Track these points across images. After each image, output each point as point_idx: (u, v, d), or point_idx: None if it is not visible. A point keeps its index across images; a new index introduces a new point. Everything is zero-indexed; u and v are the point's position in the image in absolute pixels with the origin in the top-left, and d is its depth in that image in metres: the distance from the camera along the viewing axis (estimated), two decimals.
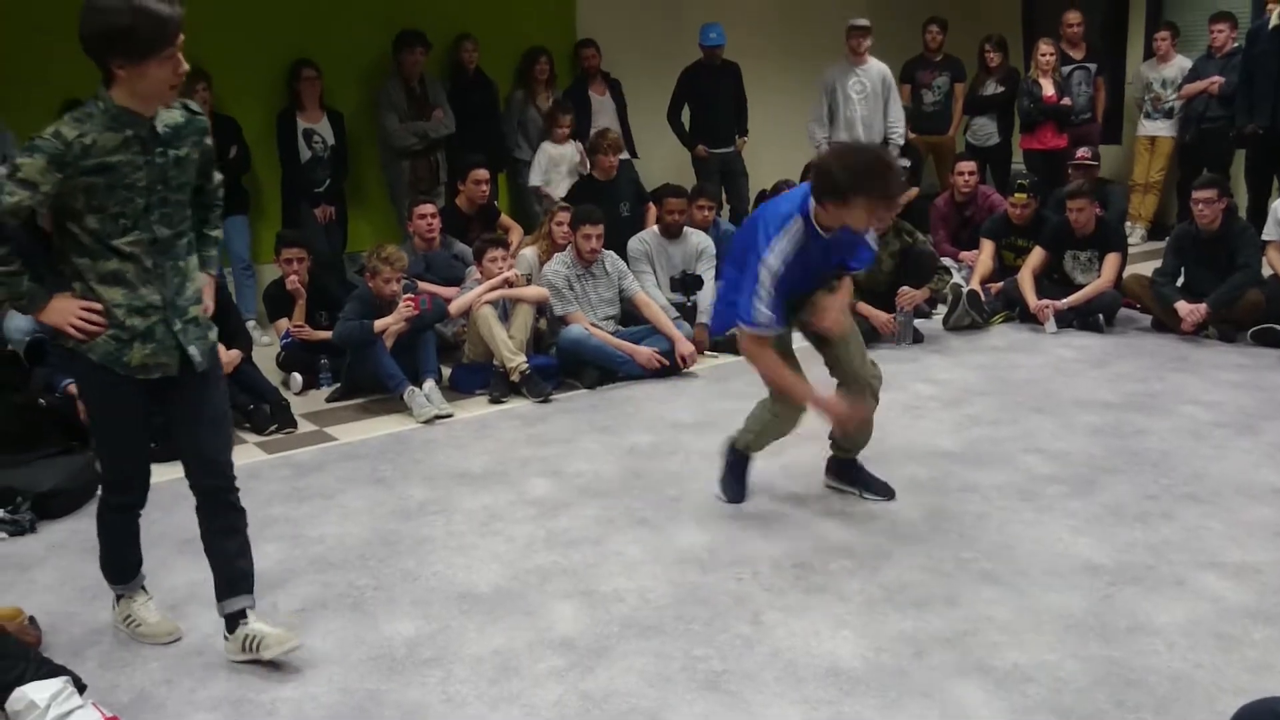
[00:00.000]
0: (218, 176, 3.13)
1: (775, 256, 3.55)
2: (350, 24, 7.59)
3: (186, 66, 2.70)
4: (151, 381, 2.89)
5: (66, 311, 2.77)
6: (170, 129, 2.81)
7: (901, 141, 8.43)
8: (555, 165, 7.68)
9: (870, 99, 8.23)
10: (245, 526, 3.10)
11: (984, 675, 2.93)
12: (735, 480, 4.23)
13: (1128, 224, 8.92)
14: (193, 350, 2.91)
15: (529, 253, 6.56)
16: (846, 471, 4.21)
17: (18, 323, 5.62)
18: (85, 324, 2.77)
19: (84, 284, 2.79)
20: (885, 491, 4.14)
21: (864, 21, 8.19)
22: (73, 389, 4.82)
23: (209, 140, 2.97)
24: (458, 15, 7.90)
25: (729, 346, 6.41)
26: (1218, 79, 8.39)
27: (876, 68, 8.24)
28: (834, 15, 9.02)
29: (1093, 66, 8.89)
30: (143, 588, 3.32)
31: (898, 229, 6.61)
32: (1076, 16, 8.89)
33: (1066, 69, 8.80)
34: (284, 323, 6.19)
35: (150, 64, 2.62)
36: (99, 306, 2.78)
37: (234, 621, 3.08)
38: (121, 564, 3.25)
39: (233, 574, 3.07)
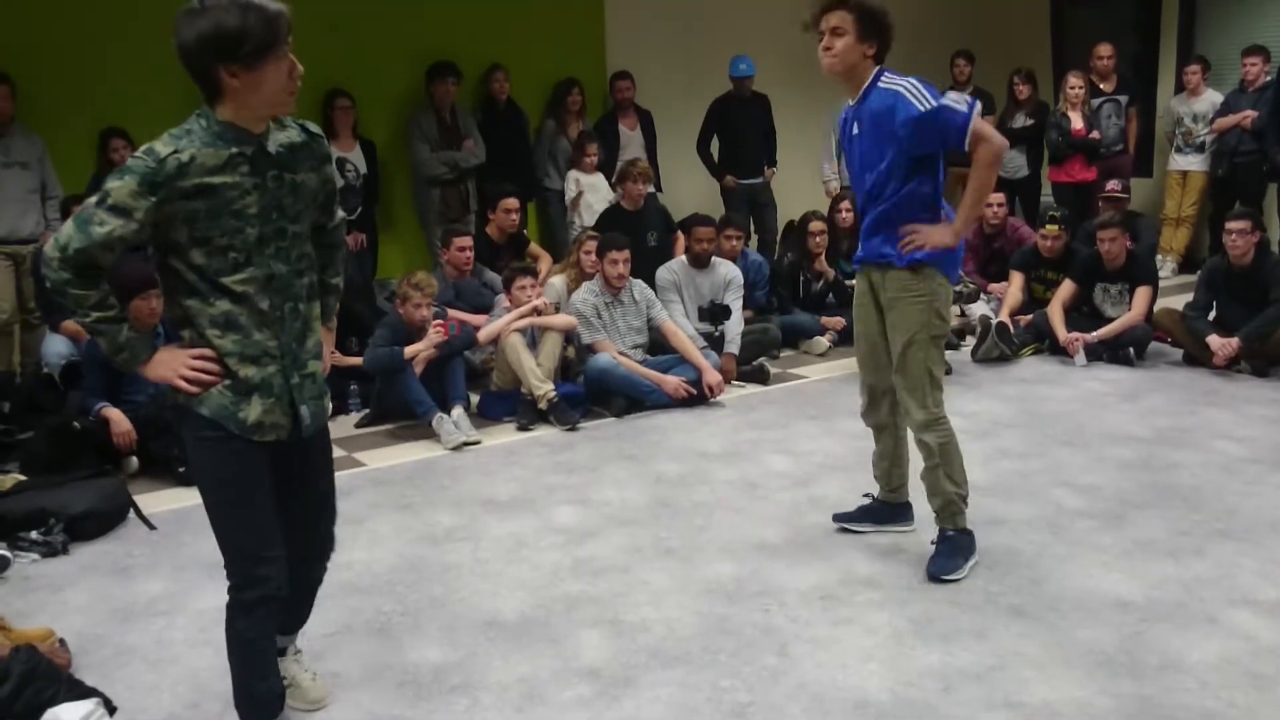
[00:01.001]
0: (340, 213, 2.77)
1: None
2: (384, 55, 7.69)
3: (301, 69, 2.39)
4: (265, 446, 2.50)
5: (174, 363, 2.41)
6: (285, 149, 2.46)
7: None
8: (584, 192, 7.76)
9: None
10: (318, 586, 2.90)
11: (1013, 711, 2.90)
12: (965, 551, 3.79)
13: (1159, 257, 8.87)
14: (304, 411, 2.53)
15: (557, 281, 6.59)
16: (889, 512, 4.09)
17: (55, 346, 5.70)
18: (198, 374, 2.41)
19: (193, 330, 2.44)
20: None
21: None
22: (107, 412, 4.90)
23: (331, 168, 2.61)
24: (489, 47, 7.99)
25: (756, 376, 6.43)
26: (1250, 113, 8.35)
27: None
28: None
29: (1124, 99, 8.88)
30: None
31: None
32: (1108, 49, 8.88)
33: (1097, 101, 8.79)
34: None
35: (266, 68, 2.31)
36: (211, 354, 2.42)
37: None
38: (265, 695, 2.67)
39: (284, 614, 2.78)
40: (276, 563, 2.54)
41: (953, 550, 3.72)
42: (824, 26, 3.57)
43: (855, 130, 3.70)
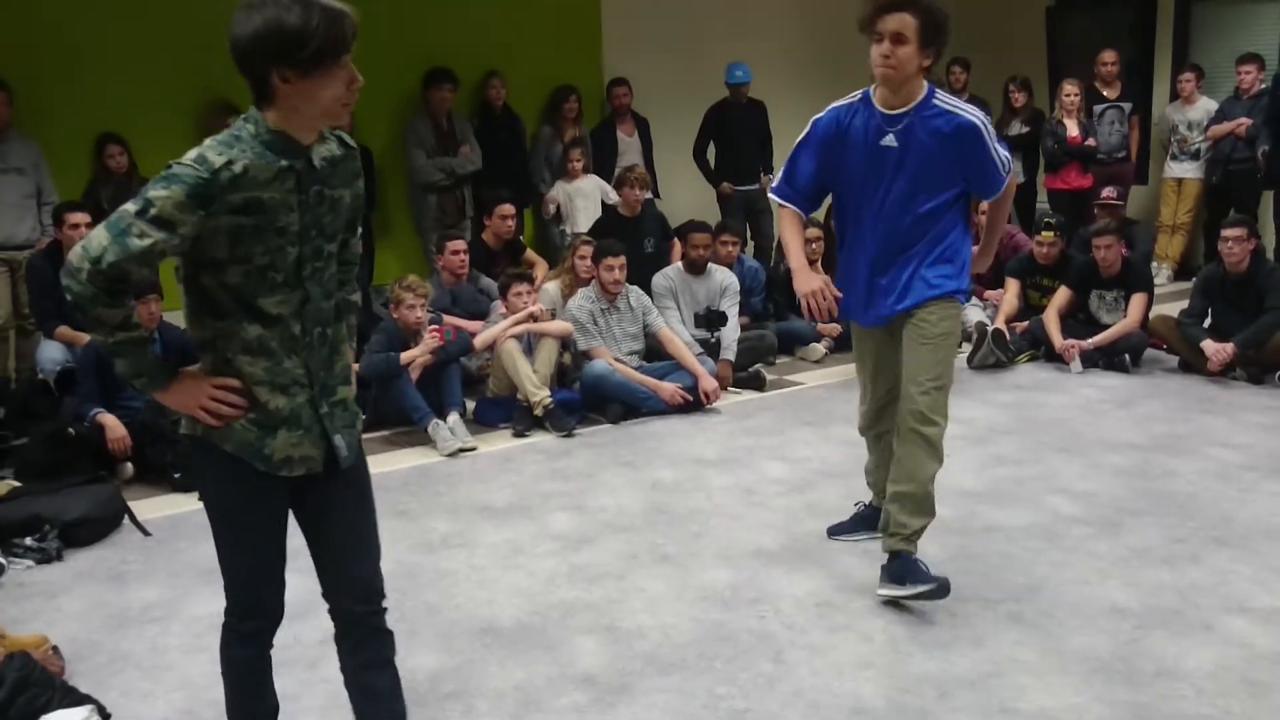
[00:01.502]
0: (358, 229, 2.55)
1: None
2: (380, 61, 7.67)
3: (361, 79, 2.17)
4: (292, 479, 2.31)
5: (195, 392, 2.20)
6: (327, 163, 2.25)
7: None
8: (570, 199, 7.79)
9: None
10: (394, 652, 2.51)
11: (1009, 718, 2.90)
12: (916, 575, 3.53)
13: (1154, 264, 8.89)
14: (338, 440, 2.32)
15: (551, 287, 6.60)
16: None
17: (50, 352, 5.69)
18: (220, 407, 2.20)
19: (217, 355, 2.22)
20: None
21: None
22: (102, 418, 4.89)
23: (362, 183, 2.39)
24: (486, 53, 7.99)
25: (752, 383, 6.43)
26: (1245, 120, 8.39)
27: None
28: (860, 55, 9.06)
29: (1126, 106, 8.91)
30: None
31: None
32: (1112, 55, 8.90)
33: (1100, 108, 8.82)
34: None
35: (323, 75, 2.09)
36: (236, 384, 2.21)
37: None
38: (260, 713, 2.58)
39: (351, 656, 2.47)
40: (277, 594, 2.44)
41: (905, 570, 3.52)
42: (883, 29, 3.25)
43: (892, 142, 3.39)
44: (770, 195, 3.72)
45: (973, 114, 3.39)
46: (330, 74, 2.10)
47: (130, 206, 2.06)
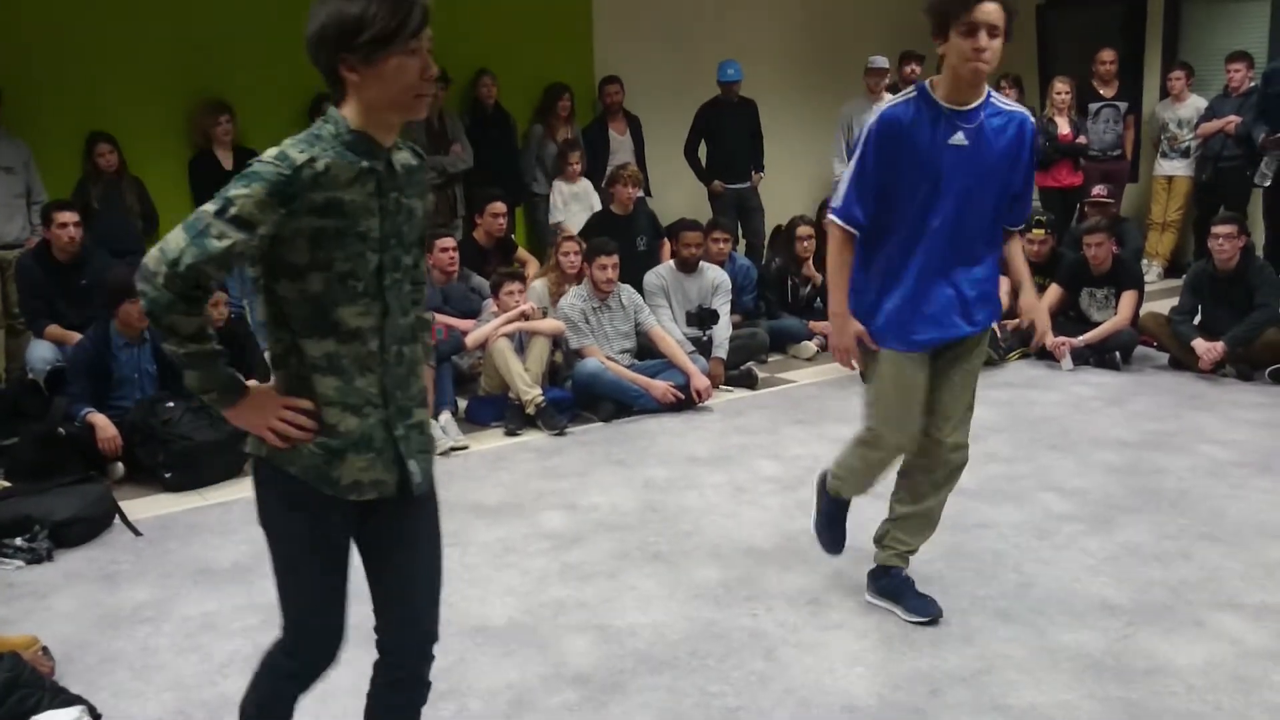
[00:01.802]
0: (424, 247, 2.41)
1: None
2: None
3: (436, 68, 2.09)
4: (361, 503, 2.17)
5: (265, 411, 2.06)
6: (404, 169, 2.15)
7: None
8: (568, 203, 7.78)
9: None
10: (425, 702, 2.42)
11: (1000, 715, 2.91)
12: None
13: (1144, 262, 8.91)
14: (413, 466, 2.20)
15: (539, 284, 6.58)
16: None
17: (40, 352, 5.67)
18: (288, 428, 2.07)
19: (290, 371, 2.10)
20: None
21: (882, 63, 8.47)
22: (93, 418, 4.88)
23: (430, 199, 2.29)
24: (477, 52, 7.98)
25: (744, 381, 6.44)
26: (1234, 118, 8.40)
27: None
28: (850, 53, 9.10)
29: (1123, 105, 8.93)
30: None
31: None
32: (1110, 54, 8.91)
33: (1095, 106, 8.85)
34: None
35: (388, 60, 1.99)
36: (308, 405, 2.08)
37: None
38: None
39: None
40: (336, 634, 2.27)
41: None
42: (980, 20, 2.94)
43: (962, 140, 3.10)
44: (832, 219, 3.26)
45: (1027, 115, 3.20)
46: (396, 60, 2.00)
47: (209, 206, 1.96)
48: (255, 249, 1.97)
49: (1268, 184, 7.79)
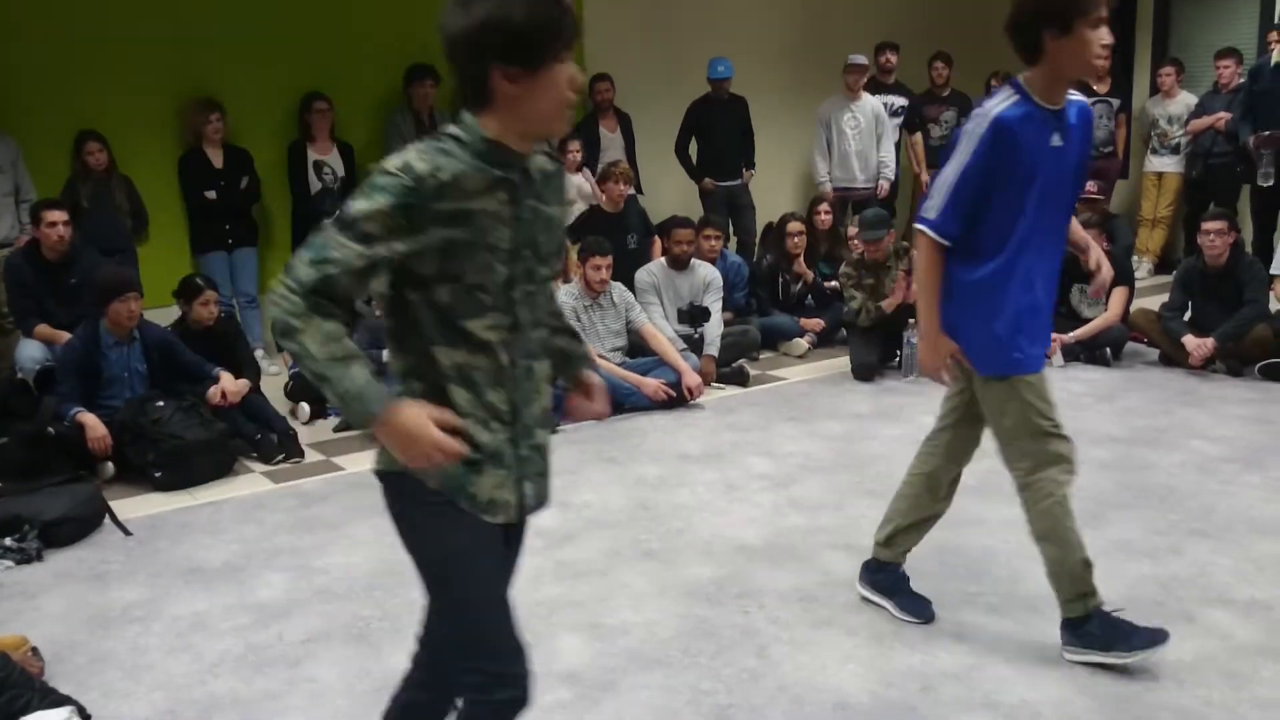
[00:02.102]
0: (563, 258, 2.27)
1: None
2: (362, 57, 7.66)
3: (582, 78, 2.04)
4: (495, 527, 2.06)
5: (424, 429, 1.87)
6: (542, 175, 2.04)
7: (892, 177, 8.59)
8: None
9: (864, 134, 8.50)
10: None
11: (992, 711, 2.91)
12: (907, 598, 3.48)
13: (1135, 258, 8.93)
14: (528, 488, 2.10)
15: None
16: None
17: (30, 351, 5.66)
18: (448, 446, 1.89)
19: (425, 384, 1.99)
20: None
21: (861, 60, 8.47)
22: (82, 417, 4.86)
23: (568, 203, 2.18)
24: None
25: (735, 378, 6.44)
26: (1224, 115, 8.42)
27: (870, 104, 8.50)
28: (840, 50, 9.08)
29: (1116, 101, 8.94)
30: None
31: (898, 252, 6.64)
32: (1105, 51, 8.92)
33: (1088, 101, 8.86)
34: None
35: (551, 72, 1.90)
36: (458, 422, 1.95)
37: None
38: None
39: None
40: (526, 657, 2.06)
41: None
42: (1106, 14, 2.91)
43: (1059, 141, 2.99)
44: (922, 229, 3.08)
45: (1085, 101, 3.09)
46: (558, 70, 1.91)
47: (330, 223, 1.89)
48: (385, 260, 1.87)
49: (1270, 183, 7.80)
